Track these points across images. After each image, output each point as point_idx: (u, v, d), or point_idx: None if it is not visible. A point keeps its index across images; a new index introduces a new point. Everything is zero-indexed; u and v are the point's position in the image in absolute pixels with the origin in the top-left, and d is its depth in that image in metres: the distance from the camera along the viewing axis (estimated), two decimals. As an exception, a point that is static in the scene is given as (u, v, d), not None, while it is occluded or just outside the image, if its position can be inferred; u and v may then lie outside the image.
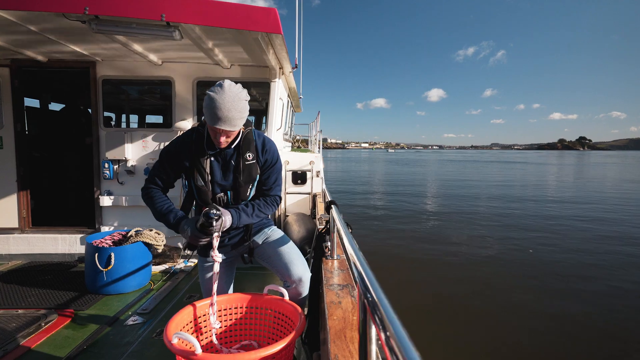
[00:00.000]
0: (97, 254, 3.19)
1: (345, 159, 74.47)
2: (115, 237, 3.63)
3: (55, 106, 6.17)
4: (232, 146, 1.70)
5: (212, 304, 1.49)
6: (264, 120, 5.27)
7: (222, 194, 1.72)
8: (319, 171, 6.39)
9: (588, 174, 31.94)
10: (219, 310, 1.57)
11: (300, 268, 1.72)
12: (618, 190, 19.11)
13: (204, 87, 4.41)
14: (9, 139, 4.13)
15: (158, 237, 3.58)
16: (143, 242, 3.45)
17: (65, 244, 4.25)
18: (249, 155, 1.73)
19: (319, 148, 6.73)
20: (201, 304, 1.55)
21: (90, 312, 2.96)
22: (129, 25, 2.66)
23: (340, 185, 21.14)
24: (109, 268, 3.18)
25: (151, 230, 3.64)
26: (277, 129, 4.44)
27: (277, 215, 4.84)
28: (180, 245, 4.21)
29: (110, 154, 4.08)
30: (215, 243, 1.55)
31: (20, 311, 2.86)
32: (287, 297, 1.57)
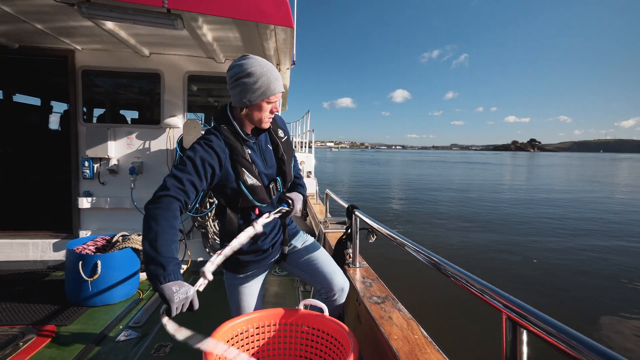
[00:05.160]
0: (81, 262, 2.89)
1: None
2: (98, 243, 3.32)
3: (23, 98, 5.65)
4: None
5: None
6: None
7: (272, 185, 1.51)
8: (310, 172, 6.26)
9: (553, 174, 33.80)
10: (257, 328, 1.41)
11: (342, 278, 1.60)
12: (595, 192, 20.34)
13: (196, 82, 4.15)
14: None
15: (148, 243, 3.31)
16: (132, 248, 3.18)
17: (37, 250, 3.86)
18: (281, 132, 1.59)
19: (310, 148, 6.60)
20: (237, 322, 1.38)
21: (75, 327, 2.67)
22: (124, 11, 2.41)
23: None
24: (94, 277, 2.89)
25: (139, 234, 3.35)
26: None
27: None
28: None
29: (91, 152, 3.74)
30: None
31: None
32: (326, 313, 1.43)
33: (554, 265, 7.00)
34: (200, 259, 4.03)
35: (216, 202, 3.70)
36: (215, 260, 1.30)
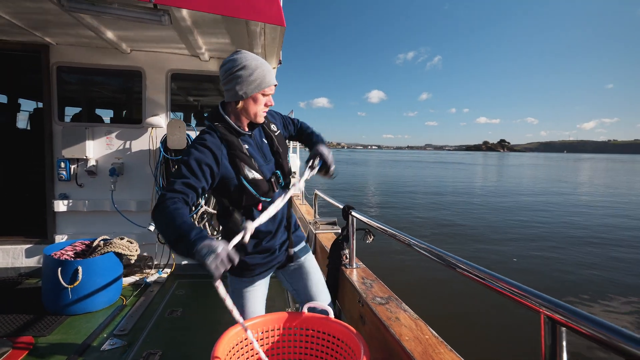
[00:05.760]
0: (60, 269, 2.73)
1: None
2: (77, 248, 3.16)
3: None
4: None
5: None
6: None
7: (273, 178, 1.49)
8: (294, 172, 6.22)
9: (527, 174, 35.24)
10: (262, 333, 1.38)
11: (325, 302, 1.63)
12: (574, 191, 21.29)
13: (179, 81, 4.03)
14: None
15: (131, 247, 3.18)
16: (114, 252, 3.04)
17: (7, 256, 3.63)
18: (273, 126, 1.60)
19: (294, 148, 6.55)
20: (246, 325, 1.34)
21: (54, 337, 2.53)
22: (108, 6, 2.31)
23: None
24: (75, 284, 2.74)
25: (122, 238, 3.22)
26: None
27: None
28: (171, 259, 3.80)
29: (68, 152, 3.55)
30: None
31: None
32: (332, 315, 1.42)
33: (534, 263, 7.30)
34: (185, 262, 3.92)
35: (202, 206, 3.64)
36: (240, 236, 1.25)
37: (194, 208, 3.66)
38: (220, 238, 1.47)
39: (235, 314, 1.15)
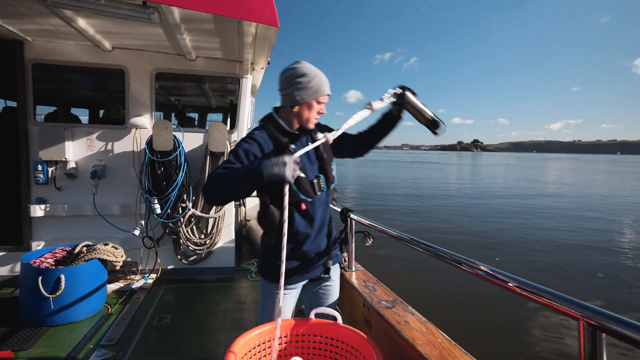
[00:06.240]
0: (41, 278, 2.59)
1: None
2: (58, 255, 3.01)
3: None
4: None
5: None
6: (229, 118, 4.89)
7: (316, 180, 1.52)
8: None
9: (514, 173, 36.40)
10: (268, 341, 1.34)
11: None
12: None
13: (164, 80, 3.91)
14: None
15: (117, 252, 3.06)
16: (98, 259, 2.92)
17: None
18: (320, 135, 1.63)
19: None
20: (250, 337, 1.31)
21: (36, 350, 2.39)
22: (95, 2, 2.20)
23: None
24: (57, 294, 2.61)
25: (106, 244, 3.09)
26: (247, 129, 4.14)
27: (239, 220, 4.51)
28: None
29: (45, 154, 3.37)
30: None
31: None
32: (340, 321, 1.41)
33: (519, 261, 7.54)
34: (171, 266, 3.81)
35: (190, 209, 3.54)
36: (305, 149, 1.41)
37: (190, 206, 3.56)
38: (264, 233, 1.56)
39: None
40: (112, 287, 3.35)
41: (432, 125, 1.60)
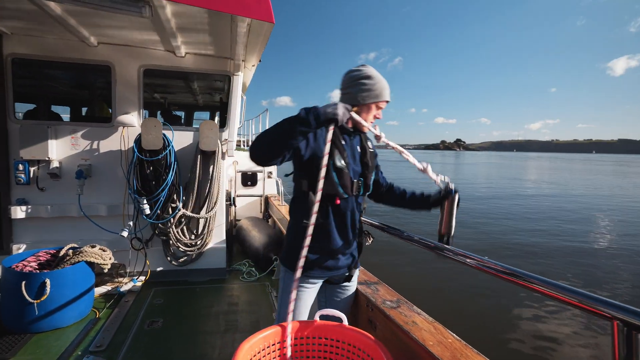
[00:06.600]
0: (24, 282, 2.47)
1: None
2: (41, 258, 2.88)
3: None
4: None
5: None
6: (218, 117, 4.79)
7: (356, 180, 1.52)
8: (270, 172, 6.09)
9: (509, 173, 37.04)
10: (273, 345, 1.30)
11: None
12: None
13: (152, 77, 3.80)
14: None
15: (104, 255, 2.95)
16: (85, 261, 2.81)
17: None
18: (370, 144, 1.66)
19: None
20: (255, 341, 1.27)
21: (20, 358, 2.27)
22: (82, -7, 2.11)
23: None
24: (42, 299, 2.49)
25: (93, 246, 2.98)
26: (238, 127, 4.06)
27: (229, 220, 4.44)
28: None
29: (27, 153, 3.22)
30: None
31: None
32: (345, 322, 1.38)
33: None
34: (160, 268, 3.71)
35: (180, 209, 3.45)
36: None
37: (180, 206, 3.46)
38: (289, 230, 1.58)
39: None
40: (99, 290, 3.24)
41: (446, 234, 1.54)
